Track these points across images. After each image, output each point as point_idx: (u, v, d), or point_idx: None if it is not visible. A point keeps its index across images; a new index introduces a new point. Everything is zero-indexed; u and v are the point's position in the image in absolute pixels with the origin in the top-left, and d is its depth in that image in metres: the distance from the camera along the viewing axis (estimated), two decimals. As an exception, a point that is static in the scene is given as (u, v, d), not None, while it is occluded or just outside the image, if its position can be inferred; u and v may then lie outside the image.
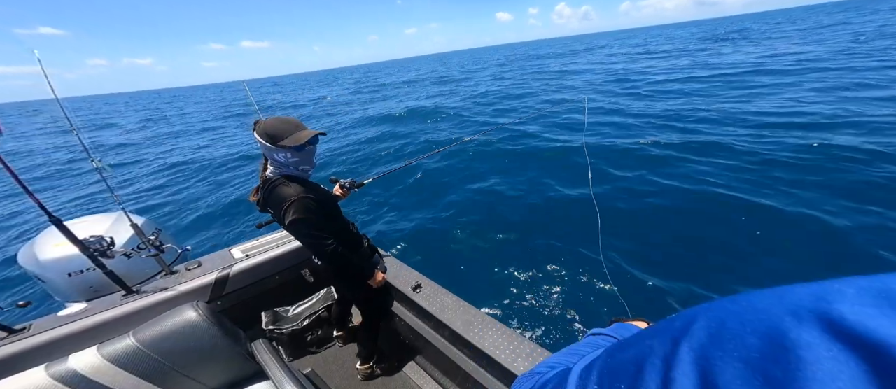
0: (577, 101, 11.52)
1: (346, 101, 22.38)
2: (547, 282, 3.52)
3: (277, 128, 1.46)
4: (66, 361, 1.26)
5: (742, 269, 3.33)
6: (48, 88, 1.71)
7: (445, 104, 15.04)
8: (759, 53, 18.43)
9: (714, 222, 4.08)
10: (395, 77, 38.08)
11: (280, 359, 1.43)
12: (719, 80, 12.55)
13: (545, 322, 3.05)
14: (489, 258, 4.06)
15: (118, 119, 29.34)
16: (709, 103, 9.46)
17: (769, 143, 5.94)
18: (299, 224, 1.46)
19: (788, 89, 9.74)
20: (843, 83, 9.46)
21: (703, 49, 25.52)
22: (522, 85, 19.21)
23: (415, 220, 5.08)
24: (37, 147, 17.02)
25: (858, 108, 7.03)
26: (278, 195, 1.48)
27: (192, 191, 8.20)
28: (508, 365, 1.31)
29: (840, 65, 12.01)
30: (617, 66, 21.84)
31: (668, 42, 39.79)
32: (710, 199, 4.55)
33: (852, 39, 18.72)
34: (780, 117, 7.28)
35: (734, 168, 5.26)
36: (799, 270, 3.18)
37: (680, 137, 6.97)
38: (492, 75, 27.41)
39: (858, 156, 4.97)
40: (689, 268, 3.43)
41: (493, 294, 3.47)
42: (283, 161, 1.50)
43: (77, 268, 2.02)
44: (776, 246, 3.54)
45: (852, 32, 22.49)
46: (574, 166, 6.22)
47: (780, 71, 12.69)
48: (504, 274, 3.72)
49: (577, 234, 4.16)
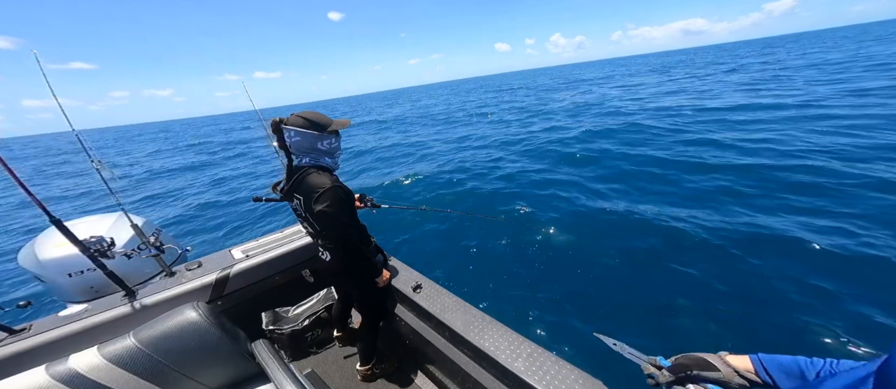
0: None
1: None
2: (553, 283, 3.52)
3: (319, 117, 1.58)
4: (67, 361, 1.26)
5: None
6: (75, 121, 1.78)
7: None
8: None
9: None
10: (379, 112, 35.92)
11: (280, 360, 1.43)
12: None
13: (547, 323, 3.04)
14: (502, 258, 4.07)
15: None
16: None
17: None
18: (332, 212, 1.49)
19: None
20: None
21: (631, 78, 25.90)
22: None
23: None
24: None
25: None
26: (311, 182, 1.53)
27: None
28: (508, 365, 1.31)
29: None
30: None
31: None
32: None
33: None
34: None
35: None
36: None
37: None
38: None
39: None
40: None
41: (492, 294, 3.46)
42: (326, 148, 1.60)
43: (77, 269, 2.02)
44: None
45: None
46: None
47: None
48: (508, 275, 3.72)
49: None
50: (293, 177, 1.58)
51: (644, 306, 3.07)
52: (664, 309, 2.99)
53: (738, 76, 19.90)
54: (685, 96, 14.69)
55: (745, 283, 3.16)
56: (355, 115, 34.14)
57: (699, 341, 2.68)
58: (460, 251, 4.37)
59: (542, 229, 4.59)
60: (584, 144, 8.68)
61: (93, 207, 9.99)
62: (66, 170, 19.17)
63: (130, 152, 24.99)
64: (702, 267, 3.40)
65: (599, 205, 5.06)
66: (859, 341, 2.47)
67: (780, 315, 2.77)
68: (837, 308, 2.75)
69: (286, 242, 2.33)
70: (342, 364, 2.15)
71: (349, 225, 1.61)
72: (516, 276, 3.71)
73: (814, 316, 2.70)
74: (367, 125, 21.95)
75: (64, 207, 9.95)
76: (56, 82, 1.80)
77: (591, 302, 3.21)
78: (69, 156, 27.75)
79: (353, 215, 1.67)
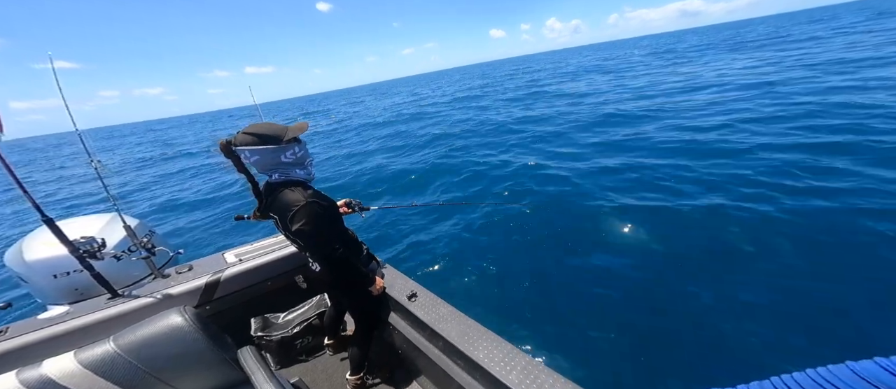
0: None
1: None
2: (553, 290, 3.50)
3: (271, 128, 1.45)
4: (40, 366, 1.21)
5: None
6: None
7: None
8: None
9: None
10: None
11: (266, 368, 1.39)
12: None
13: (542, 334, 3.00)
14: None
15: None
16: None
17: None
18: (307, 228, 1.43)
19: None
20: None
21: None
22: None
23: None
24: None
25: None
26: (284, 200, 1.45)
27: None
28: (502, 378, 1.29)
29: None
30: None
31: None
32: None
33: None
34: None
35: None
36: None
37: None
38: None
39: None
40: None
41: (491, 303, 3.43)
42: (291, 160, 1.49)
43: (64, 270, 1.97)
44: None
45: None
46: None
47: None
48: (506, 280, 3.69)
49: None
50: (267, 197, 1.52)
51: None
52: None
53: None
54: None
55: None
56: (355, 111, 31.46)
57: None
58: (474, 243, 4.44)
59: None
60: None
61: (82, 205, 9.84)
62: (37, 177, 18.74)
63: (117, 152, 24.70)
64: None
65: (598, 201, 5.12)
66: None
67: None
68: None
69: (280, 247, 2.30)
70: (331, 373, 2.10)
71: (330, 238, 1.53)
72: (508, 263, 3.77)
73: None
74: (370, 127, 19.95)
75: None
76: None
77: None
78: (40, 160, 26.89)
79: (334, 227, 1.59)
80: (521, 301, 3.41)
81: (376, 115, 22.84)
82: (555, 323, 3.07)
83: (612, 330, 2.88)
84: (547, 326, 3.05)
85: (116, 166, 17.49)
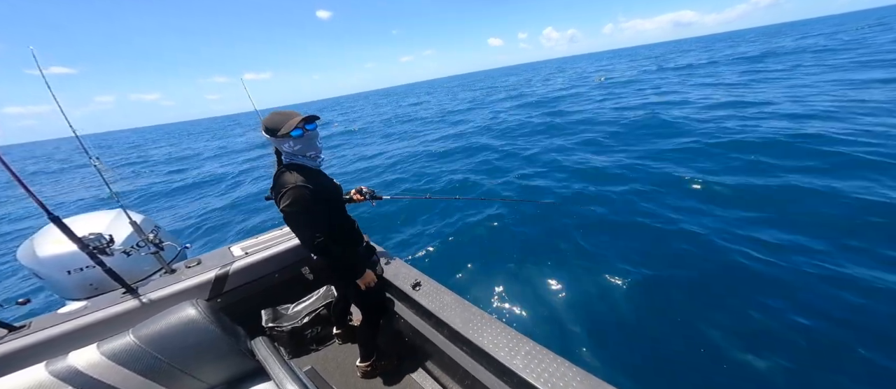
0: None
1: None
2: (550, 280, 3.51)
3: (274, 120, 1.56)
4: (67, 358, 1.26)
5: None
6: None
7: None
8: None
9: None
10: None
11: (280, 357, 1.43)
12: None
13: (545, 320, 3.04)
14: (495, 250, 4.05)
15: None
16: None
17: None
18: (292, 211, 1.50)
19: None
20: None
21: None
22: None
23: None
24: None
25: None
26: (279, 181, 1.56)
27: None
28: (507, 363, 1.31)
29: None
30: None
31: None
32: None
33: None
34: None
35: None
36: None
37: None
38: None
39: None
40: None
41: (492, 291, 3.46)
42: (289, 150, 1.59)
43: (76, 266, 2.02)
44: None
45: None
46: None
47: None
48: (509, 272, 3.72)
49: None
50: (274, 179, 1.63)
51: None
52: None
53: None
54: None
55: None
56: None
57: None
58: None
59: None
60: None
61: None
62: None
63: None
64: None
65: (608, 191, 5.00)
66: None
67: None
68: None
69: (286, 240, 2.33)
70: (342, 361, 2.15)
71: (314, 225, 1.53)
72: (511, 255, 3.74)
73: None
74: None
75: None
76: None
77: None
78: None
79: (319, 214, 1.57)
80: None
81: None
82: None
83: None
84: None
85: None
